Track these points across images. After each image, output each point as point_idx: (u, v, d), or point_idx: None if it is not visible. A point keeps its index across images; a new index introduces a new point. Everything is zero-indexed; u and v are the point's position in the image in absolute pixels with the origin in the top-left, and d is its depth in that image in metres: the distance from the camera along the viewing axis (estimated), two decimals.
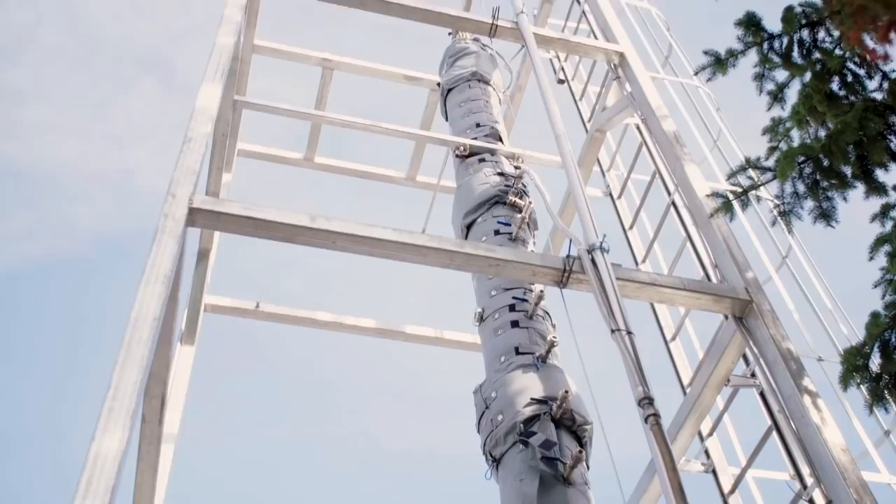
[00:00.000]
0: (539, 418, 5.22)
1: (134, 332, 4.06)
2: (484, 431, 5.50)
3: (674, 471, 4.18)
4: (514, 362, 5.72)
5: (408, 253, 5.38)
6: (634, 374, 4.74)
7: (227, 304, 8.71)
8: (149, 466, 5.63)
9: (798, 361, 5.13)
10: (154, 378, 5.09)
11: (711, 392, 5.95)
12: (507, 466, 5.19)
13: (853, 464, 4.51)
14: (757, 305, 5.53)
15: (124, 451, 3.55)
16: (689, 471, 6.35)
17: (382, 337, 9.12)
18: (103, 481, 3.36)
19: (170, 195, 5.03)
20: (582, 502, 4.91)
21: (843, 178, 4.97)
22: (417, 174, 9.80)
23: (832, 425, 4.73)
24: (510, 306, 6.17)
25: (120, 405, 3.72)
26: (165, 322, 4.57)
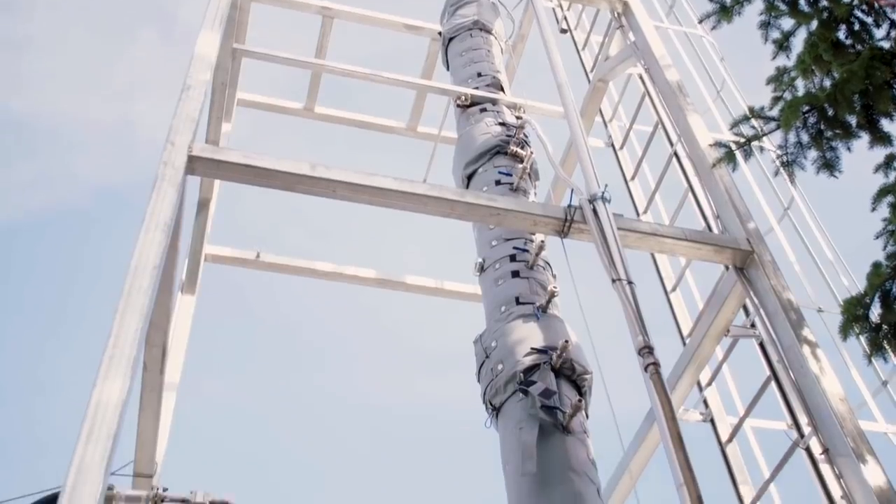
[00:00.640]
0: (539, 367, 5.24)
1: (134, 280, 4.06)
2: (484, 380, 5.53)
3: (673, 419, 4.21)
4: (514, 312, 5.73)
5: (408, 202, 5.36)
6: (634, 324, 4.75)
7: (227, 254, 8.71)
8: (151, 414, 5.68)
9: (798, 312, 5.14)
10: (155, 327, 5.10)
11: (711, 342, 5.97)
12: (507, 415, 5.22)
13: (851, 413, 4.54)
14: (758, 256, 5.52)
15: (125, 399, 3.57)
16: (688, 420, 6.39)
17: (382, 287, 9.12)
18: (105, 428, 3.38)
19: (169, 143, 4.99)
20: (581, 450, 4.95)
21: (847, 127, 4.93)
22: (418, 125, 9.73)
23: (831, 375, 4.75)
24: (511, 256, 6.16)
25: (121, 353, 3.73)
26: (165, 271, 4.56)
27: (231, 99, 8.70)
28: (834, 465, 4.39)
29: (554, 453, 4.86)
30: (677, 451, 4.05)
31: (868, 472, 4.26)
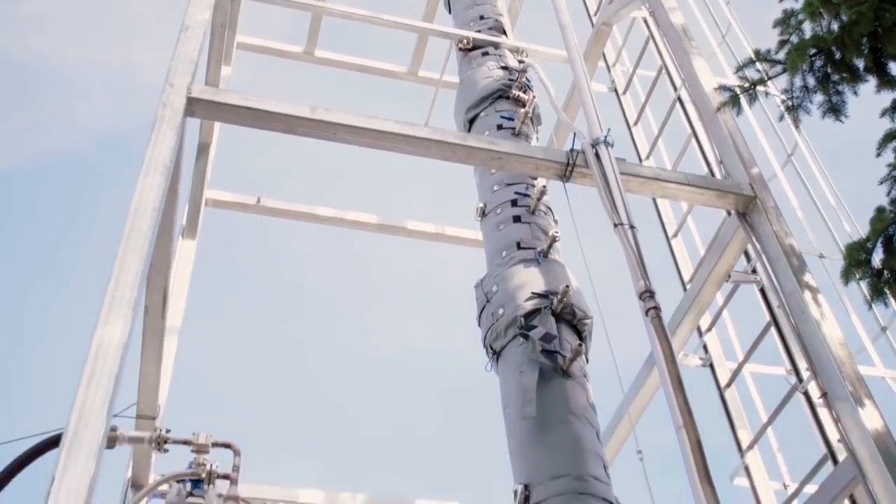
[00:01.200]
0: (540, 312, 5.25)
1: (134, 222, 4.04)
2: (484, 325, 5.54)
3: (673, 363, 4.22)
4: (515, 257, 5.73)
5: (409, 145, 5.31)
6: (636, 268, 4.74)
7: (227, 199, 8.69)
8: (152, 358, 5.70)
9: (800, 257, 5.13)
10: (155, 270, 5.10)
11: (711, 288, 5.97)
12: (508, 359, 5.25)
13: (850, 357, 4.55)
14: (761, 202, 5.49)
15: (127, 342, 3.57)
16: (687, 365, 6.43)
17: (383, 233, 9.11)
18: (107, 370, 3.38)
19: (168, 84, 4.93)
20: (580, 394, 4.99)
21: (854, 71, 4.86)
22: (419, 69, 9.63)
23: (831, 320, 4.75)
24: (512, 201, 6.14)
25: (121, 296, 3.72)
26: (165, 214, 4.54)
27: (230, 42, 8.60)
28: (832, 408, 4.41)
29: (554, 397, 4.89)
30: (677, 395, 4.07)
31: (865, 415, 4.28)
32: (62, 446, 3.17)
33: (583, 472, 4.56)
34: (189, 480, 5.13)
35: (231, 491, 4.95)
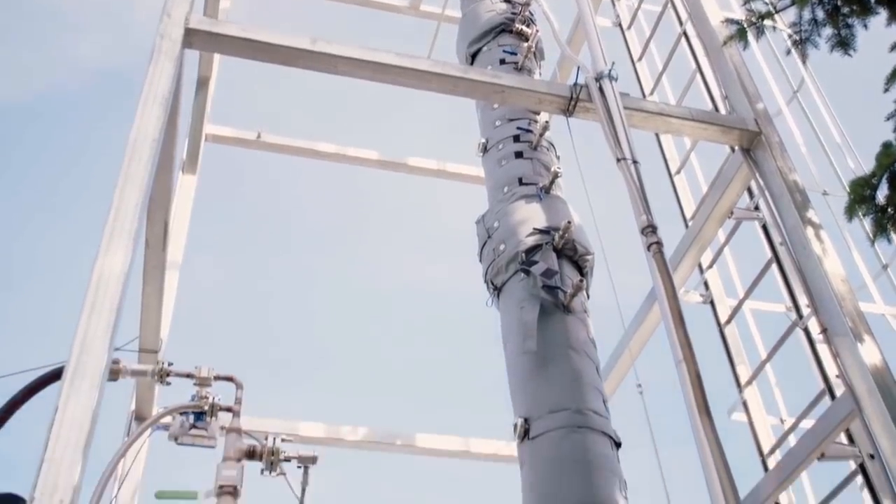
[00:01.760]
0: (541, 248, 5.23)
1: (133, 152, 4.01)
2: (485, 261, 5.53)
3: (674, 297, 4.22)
4: (517, 193, 5.69)
5: (411, 78, 5.24)
6: (639, 203, 4.72)
7: (227, 135, 8.64)
8: (154, 291, 5.72)
9: (803, 193, 5.10)
10: (155, 203, 5.09)
11: (714, 225, 5.95)
12: (508, 294, 5.25)
13: (851, 293, 4.56)
14: (765, 137, 5.44)
15: (127, 272, 3.57)
16: (688, 301, 6.44)
17: (384, 169, 9.07)
18: (108, 300, 3.39)
19: (165, 15, 4.85)
20: (581, 330, 5.00)
21: (864, 3, 4.76)
22: (421, 3, 9.48)
23: (833, 256, 4.75)
24: (514, 137, 6.09)
25: (121, 226, 3.71)
26: (165, 147, 4.51)
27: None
28: (831, 344, 4.43)
29: (554, 332, 4.91)
30: (677, 329, 4.08)
31: (864, 350, 4.30)
32: (65, 376, 3.19)
33: (582, 406, 4.59)
34: (192, 413, 5.17)
35: (233, 423, 5.00)
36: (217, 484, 4.62)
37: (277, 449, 4.92)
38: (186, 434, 5.19)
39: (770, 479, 5.28)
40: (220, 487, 4.60)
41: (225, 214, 14.19)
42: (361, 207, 14.43)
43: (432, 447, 7.37)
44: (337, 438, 7.11)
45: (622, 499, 4.32)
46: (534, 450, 4.53)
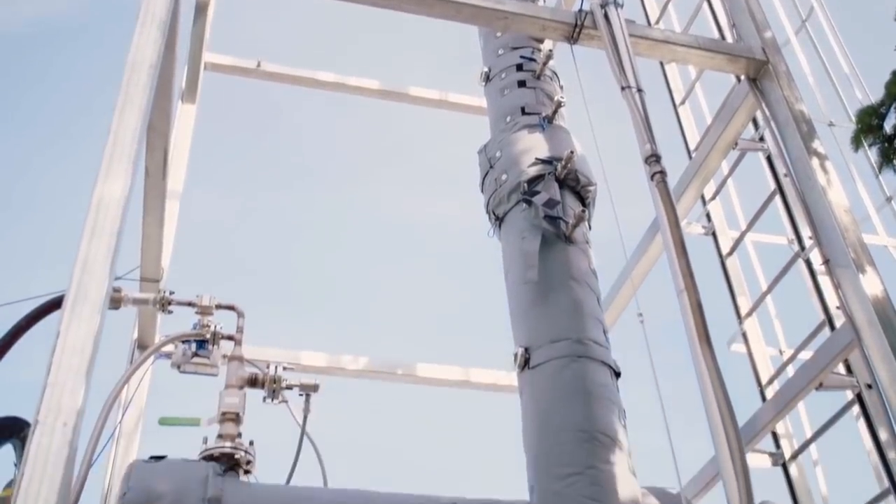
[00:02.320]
0: (543, 178, 5.19)
1: (132, 75, 3.94)
2: (487, 191, 5.51)
3: (676, 226, 4.20)
4: (519, 122, 5.64)
5: (413, 4, 5.14)
6: (643, 132, 4.67)
7: (227, 63, 8.51)
8: (154, 220, 5.70)
9: (809, 123, 5.04)
10: (155, 131, 5.04)
11: (718, 155, 5.91)
12: (510, 225, 5.23)
13: (854, 224, 4.54)
14: (773, 66, 5.36)
15: (127, 197, 3.54)
16: (690, 233, 6.43)
17: (385, 99, 8.96)
18: (108, 224, 3.37)
19: None
20: (582, 260, 5.00)
21: None
22: None
23: (837, 187, 4.71)
24: (517, 66, 6.00)
25: (121, 151, 3.67)
26: (163, 73, 4.45)
27: None
28: (833, 275, 4.42)
29: (555, 262, 4.90)
30: (679, 258, 4.07)
31: (866, 281, 4.30)
32: (66, 300, 3.18)
33: (582, 336, 4.61)
34: (194, 341, 5.17)
35: (235, 351, 5.00)
36: (220, 411, 4.66)
37: (279, 377, 4.94)
38: (189, 362, 5.20)
39: (768, 408, 5.34)
40: (223, 414, 4.62)
41: (226, 147, 14.10)
42: (363, 138, 14.33)
43: (433, 377, 7.43)
44: (338, 368, 7.16)
45: (621, 427, 4.37)
46: (534, 379, 4.56)
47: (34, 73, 15.51)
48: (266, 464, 4.62)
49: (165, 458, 4.17)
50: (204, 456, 4.41)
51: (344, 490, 4.39)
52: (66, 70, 16.00)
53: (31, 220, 14.06)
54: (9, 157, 14.32)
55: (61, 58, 16.07)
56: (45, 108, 15.72)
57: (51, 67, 15.81)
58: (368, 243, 14.29)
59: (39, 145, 15.19)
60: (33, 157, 15.05)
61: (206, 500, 3.93)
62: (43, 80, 15.83)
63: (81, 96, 15.40)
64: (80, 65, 16.32)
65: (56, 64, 15.86)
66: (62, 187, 13.94)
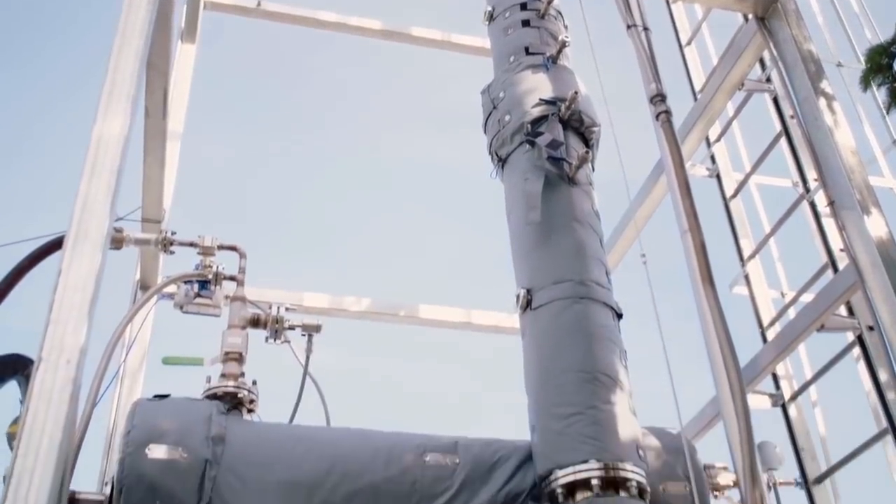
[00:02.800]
0: (547, 119, 5.13)
1: (129, 13, 3.88)
2: (490, 132, 5.45)
3: (681, 167, 4.16)
4: (523, 62, 5.55)
5: None
6: (648, 71, 4.60)
7: (226, 2, 8.40)
8: (155, 160, 5.68)
9: (818, 63, 4.97)
10: (154, 70, 4.99)
11: (723, 97, 5.84)
12: (513, 166, 5.18)
13: (860, 166, 4.50)
14: (781, 5, 5.26)
15: (127, 135, 3.51)
16: (694, 175, 6.39)
17: (388, 40, 8.85)
18: (108, 162, 3.35)
19: None
20: (585, 202, 4.96)
21: None
22: None
23: (844, 128, 4.66)
24: (521, 5, 5.89)
25: (119, 89, 3.63)
26: (162, 10, 4.38)
27: None
28: (837, 217, 4.40)
29: (558, 203, 4.86)
30: (684, 199, 4.04)
31: (871, 223, 4.28)
32: (67, 238, 3.17)
33: (585, 278, 4.59)
34: (196, 282, 5.17)
35: (237, 292, 5.00)
36: (223, 350, 4.67)
37: (282, 317, 4.94)
38: (191, 303, 5.21)
39: (768, 349, 5.36)
40: (226, 354, 4.64)
41: (228, 90, 13.98)
42: (366, 82, 14.19)
43: (435, 318, 7.45)
44: (340, 309, 7.18)
45: (622, 368, 4.38)
46: (535, 320, 4.56)
47: (59, 23, 15.29)
48: (269, 405, 4.66)
49: (169, 396, 4.20)
50: (207, 395, 4.44)
51: (346, 429, 4.42)
52: (90, 20, 15.78)
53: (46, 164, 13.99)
54: (27, 104, 14.20)
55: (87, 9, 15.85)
56: (65, 57, 15.52)
57: (76, 17, 15.59)
58: (371, 186, 14.26)
59: (59, 93, 15.04)
60: (52, 104, 14.90)
61: (209, 438, 3.96)
62: (67, 28, 15.61)
63: (101, 46, 15.22)
64: (104, 15, 16.11)
65: (81, 14, 15.63)
66: (63, 127, 13.85)
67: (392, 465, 4.11)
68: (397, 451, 4.18)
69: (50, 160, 13.95)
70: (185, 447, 3.86)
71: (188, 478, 3.81)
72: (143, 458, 3.79)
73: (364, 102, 14.62)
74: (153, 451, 3.81)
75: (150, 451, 3.80)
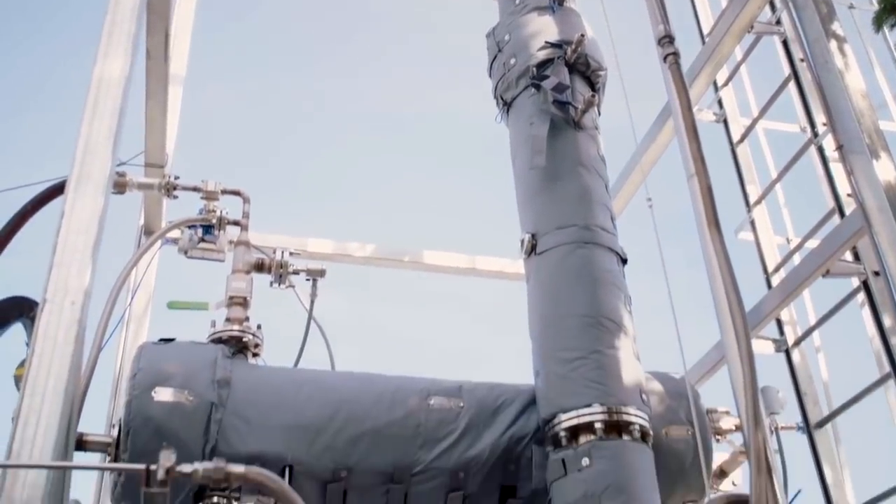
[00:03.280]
0: (553, 62, 5.07)
1: None
2: (495, 75, 5.39)
3: (688, 110, 4.11)
4: (528, 4, 5.47)
5: None
6: (656, 11, 4.52)
7: None
8: (158, 104, 5.63)
9: (829, 4, 4.87)
10: (155, 13, 4.92)
11: (732, 40, 5.75)
12: (518, 110, 5.14)
13: (871, 109, 4.43)
14: None
15: (128, 76, 3.47)
16: (701, 120, 6.32)
17: None
18: (109, 103, 3.31)
19: None
20: (591, 146, 4.92)
21: None
22: None
23: (855, 71, 4.59)
24: None
25: (119, 29, 3.58)
26: None
27: None
28: (846, 162, 4.35)
29: (563, 148, 4.83)
30: (691, 142, 3.99)
31: (879, 167, 4.23)
32: (70, 180, 3.15)
33: (590, 223, 4.58)
34: (200, 226, 5.16)
35: (241, 237, 4.99)
36: (227, 295, 4.68)
37: (286, 262, 4.94)
38: (195, 248, 5.21)
39: (773, 295, 5.36)
40: (231, 298, 4.65)
41: (232, 34, 13.81)
42: (374, 25, 14.00)
43: (439, 264, 7.45)
44: (345, 255, 7.18)
45: (626, 313, 4.38)
46: (540, 265, 4.56)
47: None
48: (274, 349, 4.68)
49: (174, 340, 4.22)
50: (212, 339, 4.46)
51: (351, 373, 4.45)
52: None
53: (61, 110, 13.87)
54: (5, 44, 14.05)
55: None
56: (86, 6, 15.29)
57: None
58: (376, 132, 14.17)
59: (78, 43, 14.87)
60: (67, 57, 14.73)
61: (215, 381, 3.98)
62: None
63: None
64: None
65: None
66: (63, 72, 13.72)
67: (396, 409, 4.14)
68: (401, 394, 4.21)
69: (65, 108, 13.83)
70: (190, 390, 3.89)
71: (194, 420, 3.84)
72: (149, 400, 3.82)
73: (369, 46, 14.45)
74: (159, 393, 3.84)
75: (156, 394, 3.83)
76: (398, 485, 4.06)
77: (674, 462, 4.27)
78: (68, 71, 13.44)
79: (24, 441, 2.60)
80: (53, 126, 13.10)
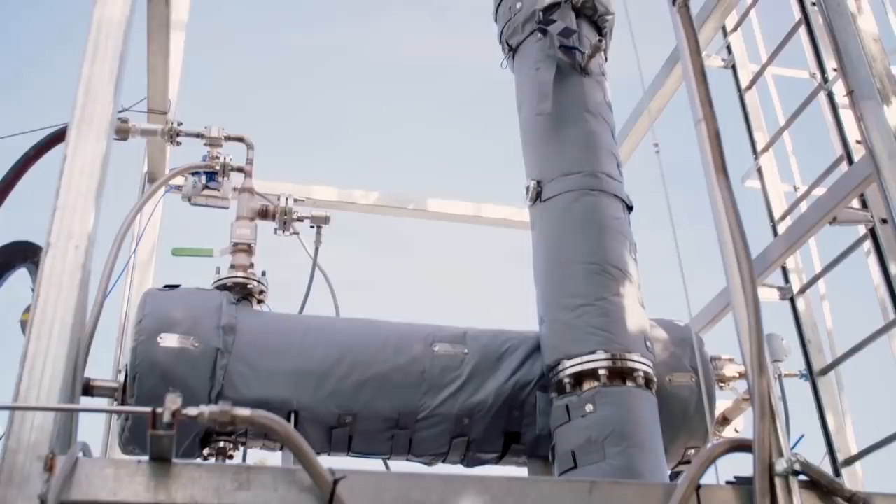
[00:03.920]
0: (559, 6, 4.99)
1: None
2: (501, 20, 5.32)
3: (697, 54, 4.04)
4: None
5: None
6: None
7: None
8: (160, 49, 5.57)
9: None
10: None
11: None
12: (524, 55, 5.08)
13: (883, 55, 4.35)
14: None
15: (129, 19, 3.41)
16: (710, 66, 6.24)
17: None
18: (110, 45, 3.26)
19: None
20: (598, 92, 4.88)
21: None
22: None
23: (868, 15, 4.49)
24: None
25: None
26: None
27: None
28: (856, 107, 4.27)
29: (570, 94, 4.78)
30: (699, 86, 3.93)
31: (890, 113, 4.16)
32: (71, 124, 3.12)
33: (596, 169, 4.56)
34: (203, 172, 5.14)
35: (245, 183, 4.97)
36: (232, 241, 4.68)
37: (290, 209, 4.93)
38: (199, 194, 5.19)
39: (779, 242, 5.34)
40: (235, 245, 4.65)
41: None
42: None
43: (444, 211, 7.43)
44: (349, 202, 7.15)
45: (632, 260, 4.38)
46: (545, 211, 4.54)
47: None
48: (278, 296, 4.68)
49: (179, 286, 4.22)
50: (217, 285, 4.47)
51: (355, 319, 4.46)
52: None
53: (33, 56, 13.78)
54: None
55: None
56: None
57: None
58: (380, 80, 14.04)
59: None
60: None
61: (220, 327, 4.00)
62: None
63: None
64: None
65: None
66: (56, 31, 13.56)
67: (401, 355, 4.16)
68: (406, 341, 4.23)
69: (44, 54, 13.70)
70: (196, 336, 3.91)
71: (200, 366, 3.87)
72: (154, 346, 3.84)
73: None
74: (165, 339, 3.85)
75: (161, 340, 3.85)
76: (403, 430, 4.10)
77: (677, 408, 4.30)
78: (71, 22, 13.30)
79: (31, 384, 2.61)
80: (57, 72, 12.99)
